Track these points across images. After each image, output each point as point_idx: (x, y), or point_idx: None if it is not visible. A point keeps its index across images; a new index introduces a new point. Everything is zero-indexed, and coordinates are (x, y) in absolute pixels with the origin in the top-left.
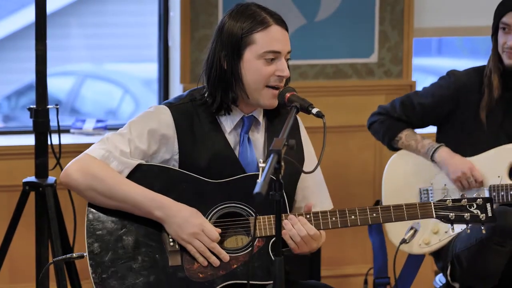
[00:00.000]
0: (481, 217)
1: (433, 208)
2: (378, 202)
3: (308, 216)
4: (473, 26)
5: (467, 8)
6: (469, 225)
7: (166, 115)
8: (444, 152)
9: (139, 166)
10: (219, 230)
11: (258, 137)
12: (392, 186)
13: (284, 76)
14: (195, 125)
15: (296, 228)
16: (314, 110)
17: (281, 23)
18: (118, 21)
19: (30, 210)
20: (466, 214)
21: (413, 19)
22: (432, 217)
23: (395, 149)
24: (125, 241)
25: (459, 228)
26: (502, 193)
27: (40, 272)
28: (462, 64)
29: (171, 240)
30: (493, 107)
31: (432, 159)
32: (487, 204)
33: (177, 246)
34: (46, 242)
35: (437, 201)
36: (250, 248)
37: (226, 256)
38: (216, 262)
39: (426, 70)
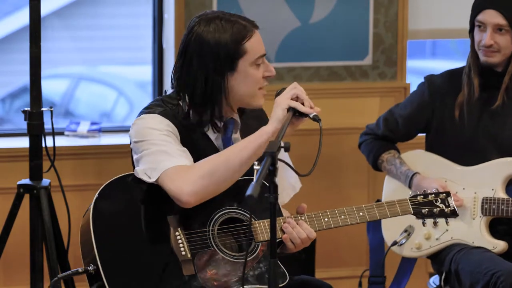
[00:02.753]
0: (446, 210)
1: (409, 204)
2: (378, 202)
3: (303, 218)
4: (467, 28)
5: (461, 10)
6: (437, 219)
7: (162, 120)
8: (416, 183)
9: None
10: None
11: (237, 137)
12: (392, 188)
13: (272, 75)
14: (182, 132)
15: (296, 231)
16: (311, 114)
17: (256, 25)
18: (112, 24)
19: (24, 212)
20: (435, 209)
21: (407, 21)
22: (411, 213)
23: (380, 170)
24: (137, 252)
25: (448, 236)
26: (494, 206)
27: (34, 275)
28: (456, 66)
29: (181, 248)
30: (471, 106)
31: (410, 188)
32: (448, 198)
33: (189, 255)
34: (40, 245)
35: (410, 197)
36: (255, 253)
37: None
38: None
39: (420, 72)
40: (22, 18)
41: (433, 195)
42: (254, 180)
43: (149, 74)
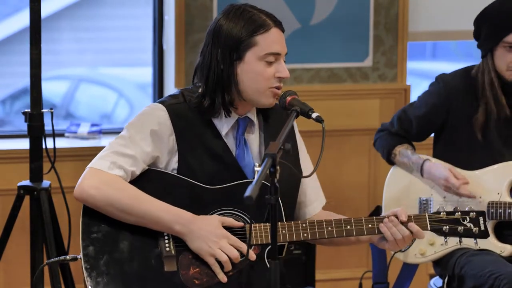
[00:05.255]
0: (474, 230)
1: (427, 221)
2: (378, 208)
3: (304, 225)
4: (468, 30)
5: (461, 12)
6: (462, 238)
7: (163, 113)
8: (427, 168)
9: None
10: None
11: (253, 137)
12: (393, 193)
13: (285, 77)
14: (191, 127)
15: (399, 229)
16: (314, 115)
17: (279, 25)
18: (112, 25)
19: (24, 214)
20: (460, 228)
21: (407, 23)
22: (427, 229)
23: (394, 164)
24: (121, 245)
25: (454, 241)
26: (500, 210)
27: (35, 276)
28: (457, 67)
29: (167, 245)
30: (497, 123)
31: (422, 176)
32: (480, 217)
33: (173, 252)
34: (40, 246)
35: (431, 213)
36: (244, 257)
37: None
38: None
39: (420, 74)
40: (23, 19)
41: (460, 213)
42: (254, 181)
43: (150, 76)
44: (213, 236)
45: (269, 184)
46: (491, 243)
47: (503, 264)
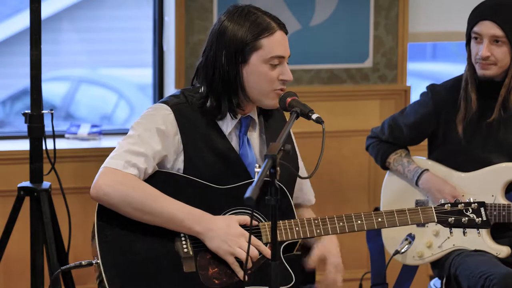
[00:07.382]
0: (477, 221)
1: (434, 212)
2: (376, 210)
3: (316, 222)
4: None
5: (461, 13)
6: (466, 229)
7: (168, 113)
8: (427, 179)
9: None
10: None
11: (255, 136)
12: (391, 196)
13: (289, 79)
14: (195, 127)
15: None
16: (314, 116)
17: (283, 28)
18: (113, 26)
19: (25, 215)
20: (464, 218)
21: (407, 24)
22: (434, 221)
23: (389, 169)
24: (138, 249)
25: (451, 243)
26: (495, 213)
27: (35, 277)
28: (457, 68)
29: (184, 246)
30: (470, 119)
31: (417, 185)
32: (481, 208)
33: (191, 253)
34: (41, 247)
35: (437, 205)
36: (261, 254)
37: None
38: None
39: (421, 75)
40: (23, 20)
41: (462, 204)
42: (254, 182)
43: (150, 77)
44: (231, 235)
45: (278, 184)
46: (487, 245)
47: (495, 265)
